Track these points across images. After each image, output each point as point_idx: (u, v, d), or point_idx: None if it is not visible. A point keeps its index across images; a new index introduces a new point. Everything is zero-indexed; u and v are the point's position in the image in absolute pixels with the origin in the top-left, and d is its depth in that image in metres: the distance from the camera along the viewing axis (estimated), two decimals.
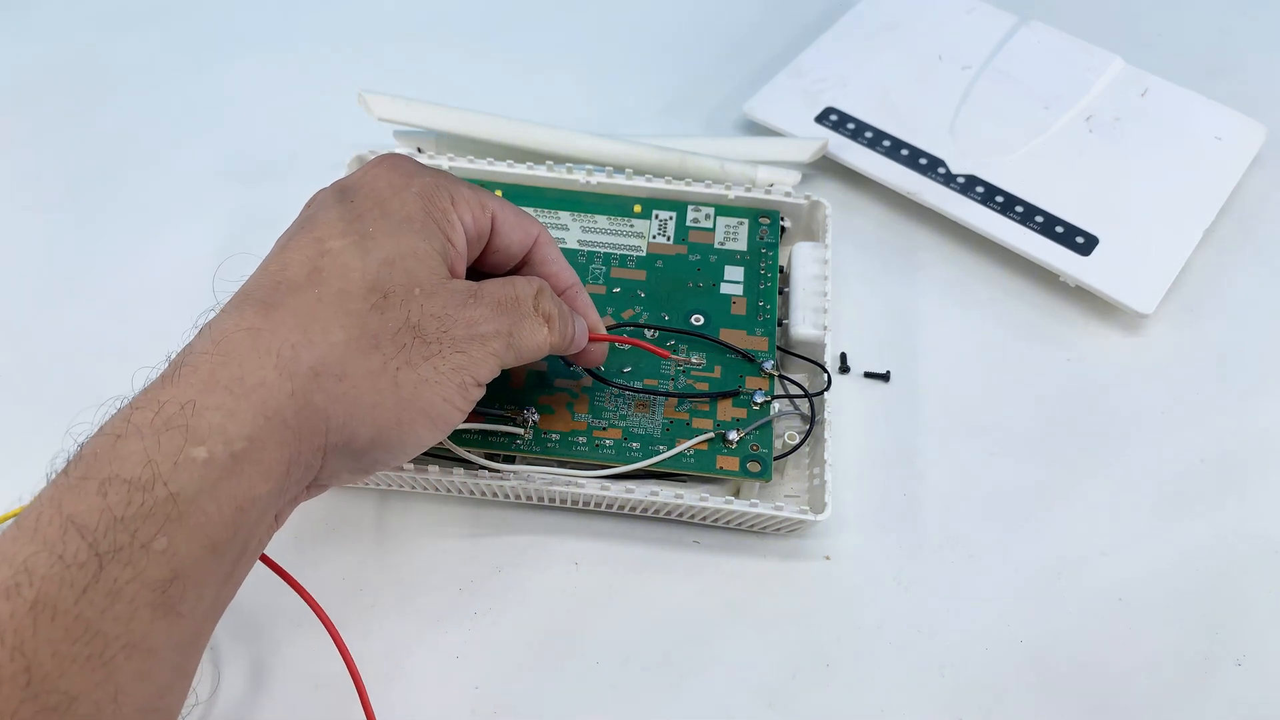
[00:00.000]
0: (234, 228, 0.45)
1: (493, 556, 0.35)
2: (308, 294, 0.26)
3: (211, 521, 0.23)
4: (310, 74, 0.52)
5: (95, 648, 0.21)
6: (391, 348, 0.26)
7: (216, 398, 0.24)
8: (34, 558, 0.21)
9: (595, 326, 0.33)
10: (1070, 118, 0.46)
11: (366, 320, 0.26)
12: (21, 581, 0.21)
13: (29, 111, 0.50)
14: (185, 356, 0.25)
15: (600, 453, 0.34)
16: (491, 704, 0.32)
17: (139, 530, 0.22)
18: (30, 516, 0.22)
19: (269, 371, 0.24)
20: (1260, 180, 0.46)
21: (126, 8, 0.55)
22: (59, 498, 0.22)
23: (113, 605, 0.21)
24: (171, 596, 0.22)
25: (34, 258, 0.44)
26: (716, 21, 0.54)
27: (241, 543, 0.24)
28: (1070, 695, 0.33)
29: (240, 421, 0.23)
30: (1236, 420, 0.39)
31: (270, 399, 0.24)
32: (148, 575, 0.22)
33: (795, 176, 0.43)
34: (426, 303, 0.27)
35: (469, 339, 0.27)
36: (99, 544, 0.21)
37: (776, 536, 0.36)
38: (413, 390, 0.26)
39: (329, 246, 0.27)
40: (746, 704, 0.32)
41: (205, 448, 0.23)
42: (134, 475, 0.22)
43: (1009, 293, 0.43)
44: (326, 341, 0.25)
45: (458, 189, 0.29)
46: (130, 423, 0.23)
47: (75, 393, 0.39)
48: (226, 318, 0.25)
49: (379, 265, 0.27)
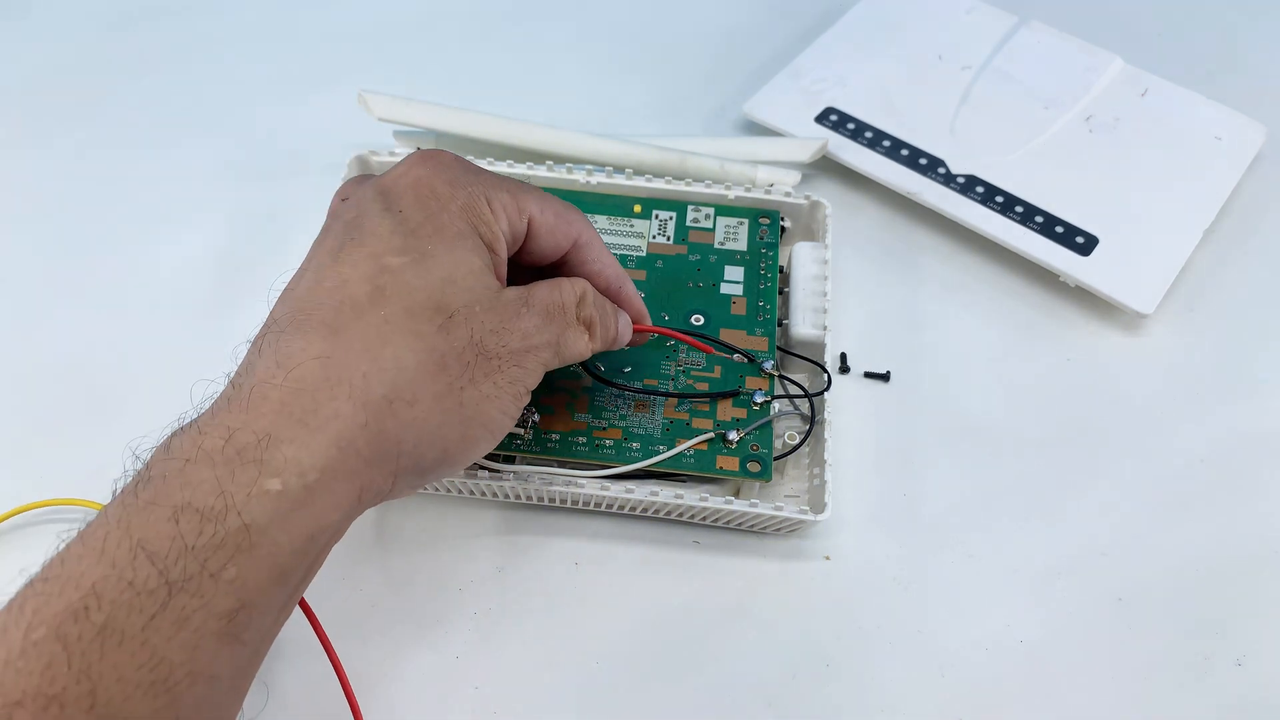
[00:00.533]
0: (234, 228, 0.45)
1: (493, 556, 0.35)
2: (373, 316, 0.25)
3: (281, 551, 0.23)
4: (310, 74, 0.52)
5: (160, 674, 0.21)
6: (457, 367, 0.26)
7: (290, 429, 0.23)
8: (103, 582, 0.21)
9: (640, 317, 0.33)
10: (1070, 118, 0.46)
11: (434, 342, 0.26)
12: (91, 605, 0.21)
13: (29, 111, 0.50)
14: (251, 379, 0.24)
15: (600, 453, 0.34)
16: (491, 704, 0.32)
17: (209, 560, 0.22)
18: (97, 536, 0.22)
19: (342, 402, 0.24)
20: (1260, 180, 0.46)
21: (127, 7, 0.55)
22: (128, 520, 0.22)
23: (179, 633, 0.21)
24: (236, 625, 0.22)
25: (34, 258, 0.44)
26: (717, 21, 0.54)
27: (306, 569, 0.24)
28: (1070, 695, 0.33)
29: (314, 453, 0.23)
30: (1236, 420, 0.39)
31: (344, 430, 0.24)
32: (215, 605, 0.22)
33: (795, 176, 0.43)
34: (486, 318, 0.27)
35: (524, 351, 0.28)
36: (169, 572, 0.21)
37: (776, 536, 0.36)
38: (475, 407, 0.27)
39: (388, 264, 0.26)
40: (746, 704, 0.32)
41: (279, 479, 0.23)
42: (206, 505, 0.22)
43: (1009, 293, 0.43)
44: (397, 367, 0.25)
45: (495, 193, 0.29)
46: (201, 449, 0.23)
47: (75, 393, 0.39)
48: (291, 340, 0.25)
49: (441, 284, 0.26)
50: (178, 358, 0.40)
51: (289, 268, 0.40)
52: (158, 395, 0.39)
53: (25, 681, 0.20)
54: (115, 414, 0.39)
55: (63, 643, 0.20)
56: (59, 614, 0.21)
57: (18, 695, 0.20)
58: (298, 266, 0.28)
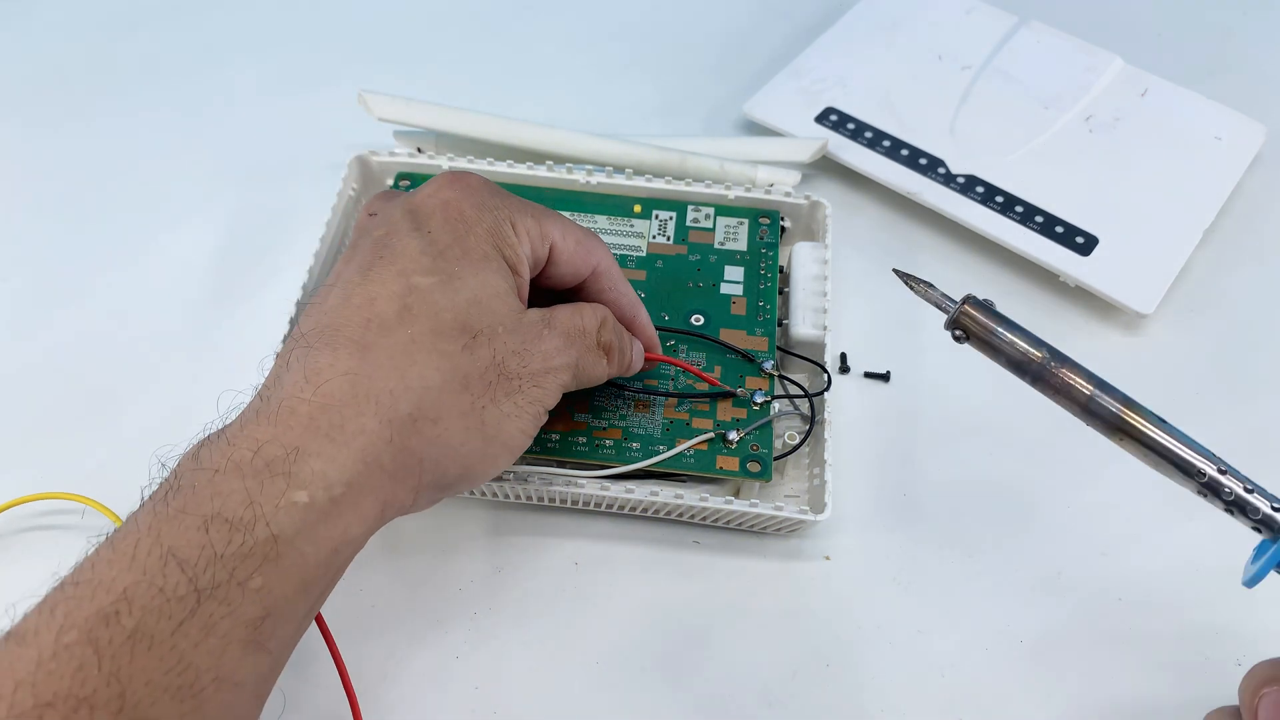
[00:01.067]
0: (234, 228, 0.45)
1: (492, 556, 0.35)
2: (400, 334, 0.26)
3: (307, 562, 0.24)
4: (310, 74, 0.52)
5: (187, 679, 0.21)
6: (479, 386, 0.27)
7: (317, 444, 0.24)
8: (134, 587, 0.22)
9: (652, 346, 0.34)
10: (1070, 118, 0.46)
11: (458, 361, 0.26)
12: (121, 610, 0.21)
13: (29, 111, 0.50)
14: (279, 393, 0.25)
15: (600, 453, 0.34)
16: (491, 704, 0.32)
17: (237, 569, 0.22)
18: (128, 542, 0.22)
19: (369, 419, 0.25)
20: (1260, 180, 0.46)
21: (127, 8, 0.55)
22: (158, 528, 0.23)
23: (206, 639, 0.22)
24: (262, 633, 0.23)
25: (33, 258, 0.44)
26: (716, 21, 0.54)
27: (329, 580, 0.25)
28: (1070, 696, 0.33)
29: (340, 468, 0.24)
30: (1236, 420, 0.39)
31: (370, 446, 0.25)
32: (242, 612, 0.22)
33: (795, 176, 0.43)
34: (508, 340, 0.28)
35: (544, 372, 0.28)
36: (198, 579, 0.22)
37: (776, 536, 0.36)
38: (496, 426, 0.27)
39: (415, 283, 0.27)
40: (746, 704, 0.32)
41: (306, 492, 0.24)
42: (236, 515, 0.23)
43: (1009, 293, 0.43)
44: (422, 385, 0.26)
45: (520, 218, 0.30)
46: (230, 460, 0.24)
47: (75, 393, 0.39)
48: (320, 356, 0.26)
49: (466, 305, 0.27)
50: (178, 357, 0.40)
51: (289, 268, 0.40)
52: (157, 395, 0.39)
53: (57, 683, 0.20)
54: (115, 413, 0.39)
55: (94, 646, 0.21)
56: (90, 617, 0.21)
57: (49, 696, 0.20)
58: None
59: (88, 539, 0.23)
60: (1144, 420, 0.26)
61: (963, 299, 0.27)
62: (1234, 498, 0.25)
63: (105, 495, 0.33)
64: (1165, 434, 0.26)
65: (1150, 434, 0.26)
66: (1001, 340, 0.27)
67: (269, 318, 0.38)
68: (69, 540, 0.35)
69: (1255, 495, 0.25)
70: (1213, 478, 0.25)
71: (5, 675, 0.20)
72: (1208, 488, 0.25)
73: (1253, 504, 0.25)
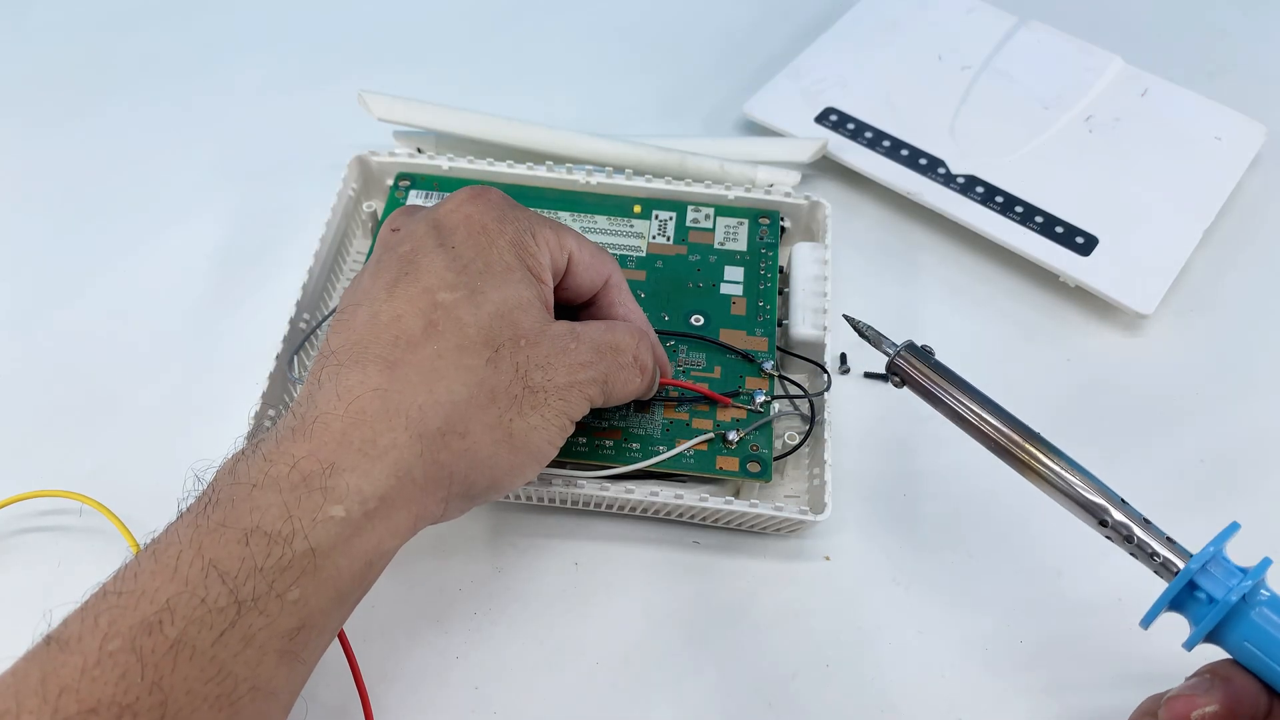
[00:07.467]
0: (233, 228, 0.45)
1: (492, 556, 0.35)
2: (427, 350, 0.27)
3: (342, 575, 0.24)
4: (310, 74, 0.52)
5: (225, 688, 0.22)
6: (505, 399, 0.27)
7: (351, 459, 0.25)
8: (177, 598, 0.22)
9: (663, 366, 0.34)
10: (1070, 118, 0.46)
11: (484, 375, 0.27)
12: (164, 620, 0.22)
13: (28, 111, 0.50)
14: (313, 410, 0.26)
15: (600, 453, 0.34)
16: (491, 704, 0.32)
17: (276, 581, 0.23)
18: (170, 554, 0.23)
19: (399, 433, 0.25)
20: (1260, 180, 0.46)
21: (127, 7, 0.55)
22: (199, 540, 0.23)
23: (245, 649, 0.22)
24: (297, 644, 0.23)
25: (33, 257, 0.44)
26: (716, 21, 0.54)
27: (362, 591, 0.26)
28: (1070, 695, 0.33)
29: (374, 482, 0.25)
30: (1236, 420, 0.39)
31: (401, 460, 0.25)
32: (279, 624, 0.23)
33: (795, 177, 0.43)
34: (532, 351, 0.28)
35: (570, 385, 0.29)
36: (239, 591, 0.22)
37: (776, 537, 0.36)
38: (523, 438, 0.28)
39: (440, 299, 0.27)
40: (746, 704, 0.32)
41: (342, 506, 0.24)
42: (274, 529, 0.23)
43: (1009, 293, 0.43)
44: (450, 400, 0.26)
45: (539, 229, 0.30)
46: (267, 475, 0.24)
47: (75, 393, 0.39)
48: (350, 374, 0.26)
49: (490, 319, 0.28)
50: (178, 357, 0.40)
51: (289, 267, 0.40)
52: (157, 394, 0.39)
53: (101, 690, 0.21)
54: (114, 412, 0.39)
55: (137, 654, 0.21)
56: (134, 627, 0.22)
57: (93, 703, 0.21)
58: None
59: (125, 550, 0.24)
60: (1050, 457, 0.29)
61: (902, 344, 0.30)
62: (1134, 539, 0.27)
63: (103, 494, 0.33)
64: (1072, 472, 0.28)
65: (1052, 471, 0.29)
66: (932, 386, 0.30)
67: (269, 317, 0.38)
68: (67, 538, 0.35)
69: (1150, 534, 0.27)
70: (1116, 520, 0.27)
71: (50, 680, 0.21)
72: (1112, 529, 0.27)
73: (1148, 543, 0.27)
